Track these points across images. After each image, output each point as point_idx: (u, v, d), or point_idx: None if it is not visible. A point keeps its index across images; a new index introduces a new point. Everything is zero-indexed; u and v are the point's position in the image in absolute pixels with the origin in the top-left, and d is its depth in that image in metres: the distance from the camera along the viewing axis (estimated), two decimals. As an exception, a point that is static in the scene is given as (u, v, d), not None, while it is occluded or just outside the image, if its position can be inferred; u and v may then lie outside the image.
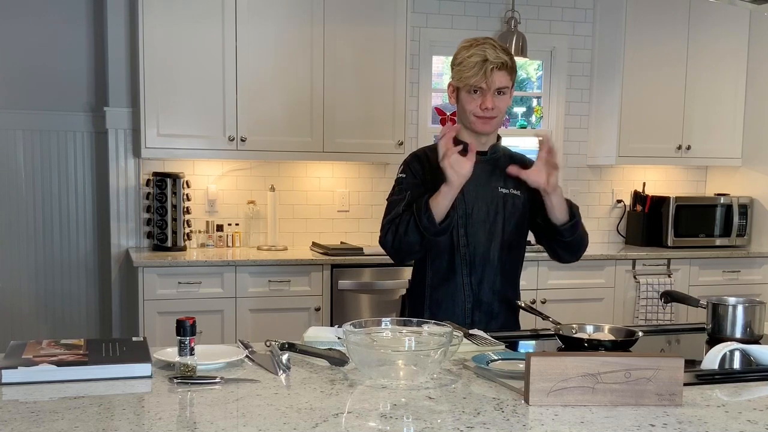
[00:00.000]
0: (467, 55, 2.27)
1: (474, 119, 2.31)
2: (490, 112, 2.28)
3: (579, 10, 4.94)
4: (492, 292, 2.37)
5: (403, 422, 1.41)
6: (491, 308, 2.39)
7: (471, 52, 2.27)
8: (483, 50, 2.26)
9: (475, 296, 2.37)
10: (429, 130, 4.74)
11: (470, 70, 2.26)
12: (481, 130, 2.32)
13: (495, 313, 2.39)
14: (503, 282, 2.38)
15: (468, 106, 2.30)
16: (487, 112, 2.28)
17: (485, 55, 2.24)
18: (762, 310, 2.17)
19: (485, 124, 2.31)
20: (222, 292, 3.89)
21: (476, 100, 2.28)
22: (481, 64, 2.24)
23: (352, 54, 4.25)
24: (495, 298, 2.39)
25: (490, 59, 2.24)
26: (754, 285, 4.73)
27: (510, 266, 2.42)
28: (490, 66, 2.24)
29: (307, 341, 1.94)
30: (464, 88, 2.30)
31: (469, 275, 2.35)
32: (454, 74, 2.32)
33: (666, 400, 1.51)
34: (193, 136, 4.06)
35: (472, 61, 2.25)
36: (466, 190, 2.32)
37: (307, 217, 4.58)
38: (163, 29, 3.96)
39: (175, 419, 1.41)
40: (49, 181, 4.38)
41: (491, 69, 2.24)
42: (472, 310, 2.37)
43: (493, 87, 2.26)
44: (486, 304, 2.38)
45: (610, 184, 5.12)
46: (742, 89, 4.96)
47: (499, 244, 2.37)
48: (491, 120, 2.30)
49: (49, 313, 4.43)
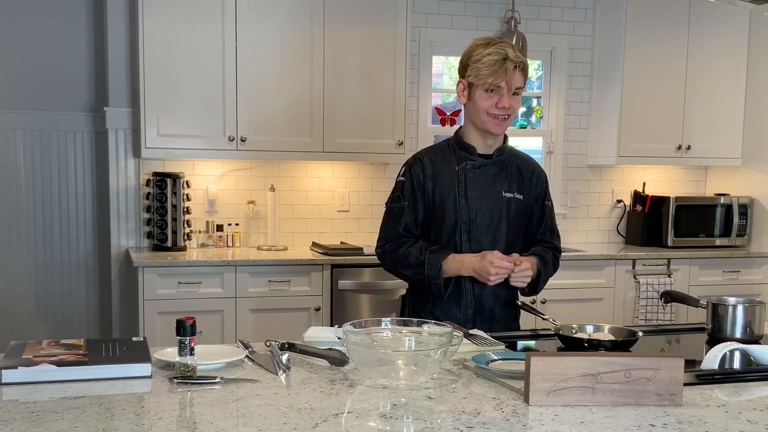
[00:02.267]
0: (486, 53, 2.23)
1: (487, 118, 2.27)
2: (505, 112, 2.25)
3: (579, 10, 4.94)
4: (494, 297, 2.37)
5: (403, 422, 1.41)
6: (493, 313, 2.38)
7: (490, 50, 2.23)
8: (503, 48, 2.22)
9: (477, 302, 2.36)
10: (429, 130, 4.74)
11: (490, 68, 2.21)
12: (493, 131, 2.29)
13: (497, 318, 2.39)
14: (505, 286, 2.35)
15: (483, 104, 2.26)
16: (503, 111, 2.25)
17: (506, 54, 2.21)
18: (762, 310, 2.17)
19: (498, 125, 2.28)
20: (222, 292, 3.89)
21: (492, 98, 2.25)
22: (502, 62, 2.20)
23: (353, 54, 4.24)
24: (497, 303, 2.38)
25: (510, 58, 2.21)
26: (754, 285, 4.73)
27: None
28: (511, 65, 2.21)
29: (307, 341, 1.95)
30: (482, 86, 2.25)
31: (471, 281, 2.34)
32: (470, 71, 2.26)
33: (666, 400, 1.51)
34: (193, 136, 4.06)
35: (492, 58, 2.21)
36: (470, 195, 2.32)
37: (307, 217, 4.58)
38: (163, 29, 3.96)
39: (175, 419, 1.41)
40: (49, 181, 4.38)
41: (513, 68, 2.21)
42: (474, 315, 2.36)
43: (512, 86, 2.23)
44: (488, 309, 2.37)
45: (610, 184, 5.12)
46: (742, 89, 4.96)
47: (503, 249, 2.35)
48: (504, 121, 2.28)
49: (49, 313, 4.43)
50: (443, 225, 2.34)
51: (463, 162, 2.35)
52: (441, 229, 2.35)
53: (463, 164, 2.35)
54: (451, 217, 2.33)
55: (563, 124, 4.99)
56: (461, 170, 2.34)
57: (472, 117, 2.33)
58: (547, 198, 2.47)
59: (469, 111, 2.33)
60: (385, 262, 2.42)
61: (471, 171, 2.34)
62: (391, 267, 2.41)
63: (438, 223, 2.35)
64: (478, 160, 2.35)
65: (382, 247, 2.40)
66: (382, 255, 2.41)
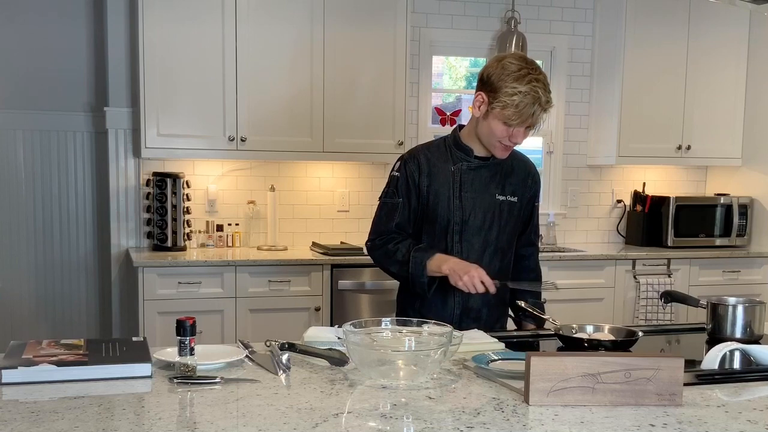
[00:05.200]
0: (519, 91, 2.13)
1: (498, 145, 2.27)
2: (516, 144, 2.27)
3: (579, 10, 4.94)
4: (481, 299, 2.35)
5: (403, 422, 1.41)
6: (480, 315, 2.39)
7: (524, 88, 2.13)
8: (536, 90, 2.13)
9: (464, 303, 2.36)
10: (429, 130, 4.73)
11: (518, 110, 2.14)
12: (499, 156, 2.31)
13: (484, 319, 2.40)
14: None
15: (497, 131, 2.22)
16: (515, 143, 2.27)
17: (538, 97, 2.14)
18: (762, 310, 2.17)
19: (504, 152, 2.29)
20: (222, 292, 3.89)
21: (509, 130, 2.21)
22: (531, 105, 2.14)
23: (353, 54, 4.24)
24: (484, 305, 2.38)
25: (541, 103, 2.15)
26: (754, 285, 4.73)
27: (501, 272, 2.40)
28: (539, 110, 2.16)
29: (307, 341, 1.94)
30: (502, 118, 2.19)
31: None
32: (497, 101, 2.16)
33: (666, 400, 1.51)
34: (193, 136, 4.06)
35: (524, 101, 2.13)
36: (464, 197, 2.32)
37: (307, 217, 4.58)
38: (163, 29, 3.95)
39: (175, 419, 1.40)
40: (49, 181, 4.38)
41: (539, 114, 2.17)
42: (461, 316, 2.37)
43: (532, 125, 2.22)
44: (475, 310, 2.38)
45: (610, 184, 5.12)
46: (742, 89, 4.96)
47: (492, 252, 2.36)
48: (511, 148, 2.30)
49: (49, 313, 4.43)
50: (436, 224, 2.34)
51: (459, 162, 2.34)
52: (433, 228, 2.35)
53: (459, 165, 2.34)
54: (444, 217, 2.33)
55: (563, 124, 4.99)
56: (457, 171, 2.34)
57: (480, 133, 2.29)
58: (537, 199, 2.49)
59: (480, 127, 2.28)
60: (374, 257, 2.43)
61: (467, 172, 2.34)
62: (378, 262, 2.42)
63: (431, 222, 2.35)
64: (474, 162, 2.35)
65: (372, 242, 2.42)
66: (371, 249, 2.42)
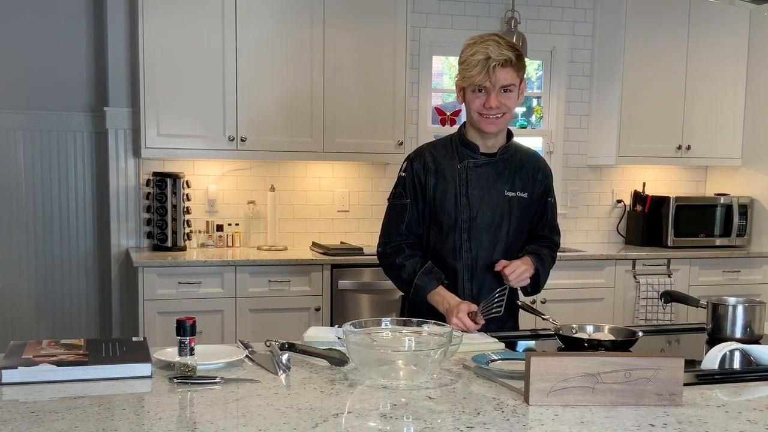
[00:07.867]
0: (470, 53, 2.23)
1: (479, 118, 2.27)
2: (494, 111, 2.24)
3: (579, 10, 4.94)
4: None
5: (403, 422, 1.41)
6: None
7: (474, 49, 2.22)
8: (486, 47, 2.21)
9: (475, 301, 2.35)
10: (429, 130, 4.73)
11: (473, 69, 2.21)
12: (486, 130, 2.29)
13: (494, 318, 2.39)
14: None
15: (473, 105, 2.27)
16: (491, 111, 2.24)
17: (488, 53, 2.19)
18: (762, 310, 2.17)
19: (490, 124, 2.27)
20: (222, 292, 3.88)
21: (480, 98, 2.24)
22: (484, 62, 2.19)
23: (352, 54, 4.24)
24: None
25: (492, 56, 2.19)
26: (754, 285, 4.73)
27: None
28: (492, 63, 2.19)
29: (307, 341, 1.94)
30: (469, 87, 2.25)
31: (470, 280, 2.34)
32: (459, 73, 2.28)
33: (666, 400, 1.51)
34: (193, 136, 4.06)
35: (474, 59, 2.21)
36: (471, 194, 2.31)
37: (307, 217, 4.58)
38: (163, 29, 3.95)
39: (175, 419, 1.40)
40: (49, 181, 4.38)
41: (494, 67, 2.19)
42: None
43: (497, 85, 2.21)
44: None
45: (610, 184, 5.12)
46: (742, 89, 4.96)
47: (503, 249, 2.35)
48: (497, 120, 2.26)
49: (49, 313, 4.43)
50: (443, 223, 2.34)
51: (466, 160, 2.34)
52: (441, 227, 2.34)
53: (465, 162, 2.34)
54: (452, 215, 2.32)
55: (563, 124, 4.99)
56: (463, 168, 2.33)
57: (468, 117, 2.34)
58: (551, 194, 2.46)
59: (467, 112, 2.35)
60: (383, 264, 2.44)
61: (473, 170, 2.34)
62: (385, 271, 2.45)
63: (438, 221, 2.35)
64: (480, 159, 2.34)
65: (383, 248, 2.41)
66: (381, 256, 2.42)
